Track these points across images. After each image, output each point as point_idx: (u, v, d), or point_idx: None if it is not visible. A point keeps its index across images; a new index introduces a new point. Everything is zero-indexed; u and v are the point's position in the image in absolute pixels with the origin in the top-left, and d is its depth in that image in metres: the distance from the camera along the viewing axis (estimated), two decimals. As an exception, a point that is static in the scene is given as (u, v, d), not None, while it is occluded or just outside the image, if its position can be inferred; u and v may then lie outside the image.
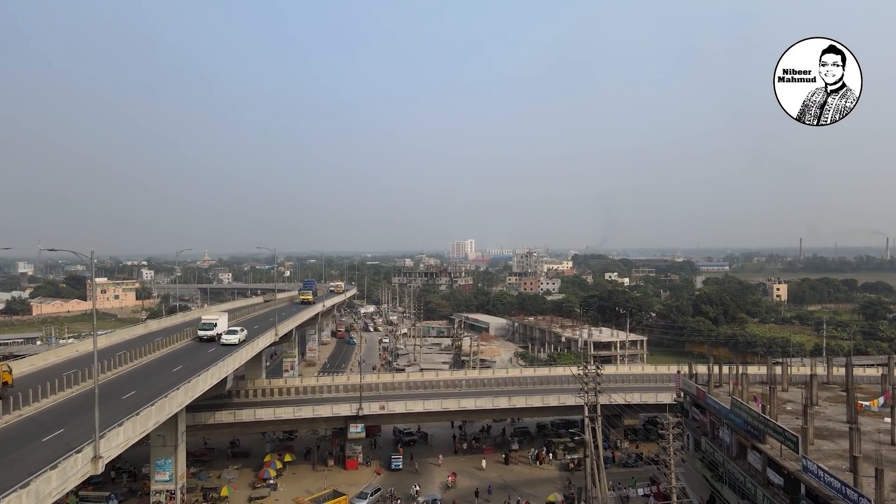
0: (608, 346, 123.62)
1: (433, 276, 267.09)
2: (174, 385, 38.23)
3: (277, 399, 64.09)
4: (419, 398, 63.39)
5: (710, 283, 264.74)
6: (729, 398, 46.90)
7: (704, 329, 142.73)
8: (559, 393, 65.14)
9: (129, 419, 30.25)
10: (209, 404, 56.74)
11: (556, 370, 77.47)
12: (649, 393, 65.13)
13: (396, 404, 60.95)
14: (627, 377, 74.08)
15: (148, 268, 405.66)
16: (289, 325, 74.46)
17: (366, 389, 66.32)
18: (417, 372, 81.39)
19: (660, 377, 74.09)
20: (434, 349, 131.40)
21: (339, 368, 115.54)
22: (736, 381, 53.52)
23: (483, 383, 71.54)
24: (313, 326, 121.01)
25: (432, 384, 70.67)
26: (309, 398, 64.67)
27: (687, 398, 55.63)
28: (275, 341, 63.62)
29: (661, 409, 68.39)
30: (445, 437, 72.25)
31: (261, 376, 74.55)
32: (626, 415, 65.85)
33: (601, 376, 52.65)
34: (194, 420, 55.40)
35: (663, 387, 69.05)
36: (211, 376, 41.19)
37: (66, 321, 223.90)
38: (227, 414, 56.72)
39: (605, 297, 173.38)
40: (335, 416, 59.95)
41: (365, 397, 63.16)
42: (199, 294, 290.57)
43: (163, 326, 67.99)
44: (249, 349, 52.09)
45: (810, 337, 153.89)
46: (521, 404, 63.11)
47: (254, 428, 60.08)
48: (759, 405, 46.90)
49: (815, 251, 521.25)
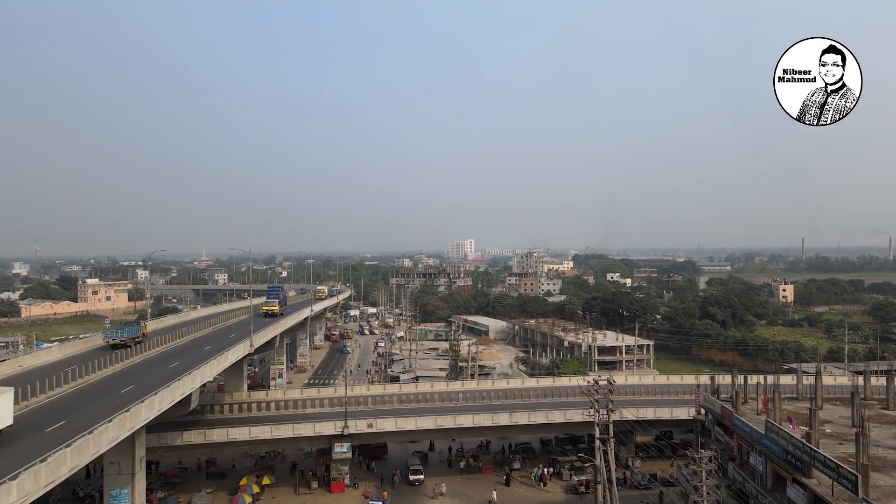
0: (613, 350, 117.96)
1: (432, 277, 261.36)
2: (111, 413, 32.42)
3: (256, 416, 58.26)
4: (411, 414, 57.61)
5: (714, 283, 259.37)
6: (762, 421, 41.16)
7: (712, 332, 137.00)
8: (565, 408, 59.41)
9: (27, 469, 23.82)
10: (180, 421, 51.10)
11: (561, 381, 71.84)
12: (664, 408, 59.42)
13: (386, 421, 55.16)
14: (638, 388, 68.29)
15: (143, 268, 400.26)
16: (268, 333, 68.35)
17: (353, 403, 60.61)
18: (412, 382, 75.67)
19: (673, 388, 68.37)
20: (431, 354, 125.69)
21: (332, 375, 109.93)
22: (764, 398, 47.87)
23: (482, 396, 65.79)
24: (304, 331, 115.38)
25: (427, 396, 64.94)
26: (291, 414, 58.94)
27: (709, 416, 49.93)
28: (250, 353, 57.84)
29: (676, 425, 62.83)
30: (439, 449, 66.38)
31: (241, 388, 68.87)
32: (639, 431, 60.13)
33: (613, 391, 46.95)
34: (159, 441, 49.73)
35: (678, 400, 63.39)
36: (161, 401, 35.35)
37: (54, 323, 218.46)
38: (197, 434, 50.96)
39: (608, 298, 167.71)
40: (318, 436, 54.20)
41: (353, 413, 57.48)
42: (192, 295, 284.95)
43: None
44: (215, 363, 46.35)
45: (821, 340, 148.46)
46: (523, 421, 57.34)
47: (227, 449, 54.38)
48: (794, 427, 41.20)
49: (817, 251, 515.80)
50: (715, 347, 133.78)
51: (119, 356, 48.63)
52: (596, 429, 46.69)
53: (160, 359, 51.00)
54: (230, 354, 50.83)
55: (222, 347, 52.74)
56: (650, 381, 73.02)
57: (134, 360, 48.43)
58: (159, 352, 54.83)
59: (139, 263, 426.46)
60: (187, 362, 47.40)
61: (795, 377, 53.70)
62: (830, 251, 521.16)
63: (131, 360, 48.16)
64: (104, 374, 42.95)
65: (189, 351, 54.64)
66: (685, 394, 67.00)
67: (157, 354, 53.24)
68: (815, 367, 58.16)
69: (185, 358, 50.89)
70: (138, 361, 48.53)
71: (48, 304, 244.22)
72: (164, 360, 49.81)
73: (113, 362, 45.14)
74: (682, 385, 69.90)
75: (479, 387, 69.79)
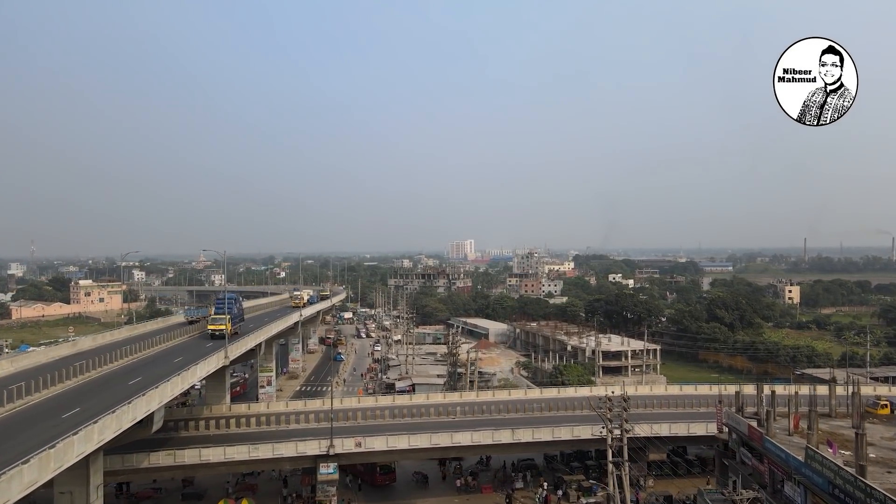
0: (618, 355, 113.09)
1: (431, 278, 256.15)
2: (55, 439, 27.62)
3: (234, 433, 53.22)
4: (404, 431, 52.66)
5: (718, 284, 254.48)
6: (799, 445, 36.38)
7: (720, 336, 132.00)
8: (572, 423, 54.50)
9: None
10: (150, 439, 46.13)
11: (567, 392, 66.98)
12: (680, 423, 54.48)
13: (376, 440, 50.19)
14: (650, 400, 63.34)
15: (140, 269, 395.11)
16: (247, 343, 62.71)
17: (342, 418, 55.79)
18: (406, 394, 70.78)
19: (687, 400, 63.46)
20: (429, 359, 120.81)
21: (325, 382, 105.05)
22: (797, 416, 43.04)
23: (481, 409, 60.84)
24: (296, 335, 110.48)
25: (422, 409, 60.01)
26: (273, 430, 53.96)
27: (733, 436, 45.09)
28: (225, 364, 52.84)
29: (693, 441, 57.95)
30: (432, 466, 61.40)
31: (223, 399, 63.83)
32: (652, 448, 55.26)
33: (628, 410, 42.10)
34: (123, 464, 44.82)
35: (694, 414, 58.54)
36: (101, 430, 30.13)
37: (45, 325, 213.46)
38: (166, 455, 46.00)
39: (611, 300, 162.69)
40: (301, 456, 49.28)
41: (340, 429, 52.63)
42: (186, 296, 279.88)
43: (98, 344, 56.93)
44: (179, 381, 41.21)
45: (830, 343, 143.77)
46: (526, 438, 52.40)
47: (200, 470, 49.48)
48: (834, 452, 36.37)
49: (819, 251, 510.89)
50: (723, 352, 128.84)
51: (82, 368, 43.66)
52: (609, 451, 41.84)
53: (123, 372, 45.69)
54: (199, 369, 45.62)
55: (192, 360, 47.60)
56: (662, 392, 68.21)
57: (91, 374, 43.30)
58: (125, 364, 49.61)
59: (135, 264, 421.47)
60: (152, 377, 42.27)
61: (828, 390, 48.80)
62: (832, 251, 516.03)
63: (88, 374, 43.04)
64: (50, 394, 37.83)
65: (159, 363, 49.48)
66: (700, 406, 62.24)
67: (119, 368, 48.04)
68: (850, 378, 53.25)
69: (152, 371, 45.76)
70: (95, 377, 43.40)
71: (39, 306, 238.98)
72: (127, 374, 44.52)
73: (63, 378, 40.10)
74: (697, 396, 65.13)
75: (479, 398, 64.92)
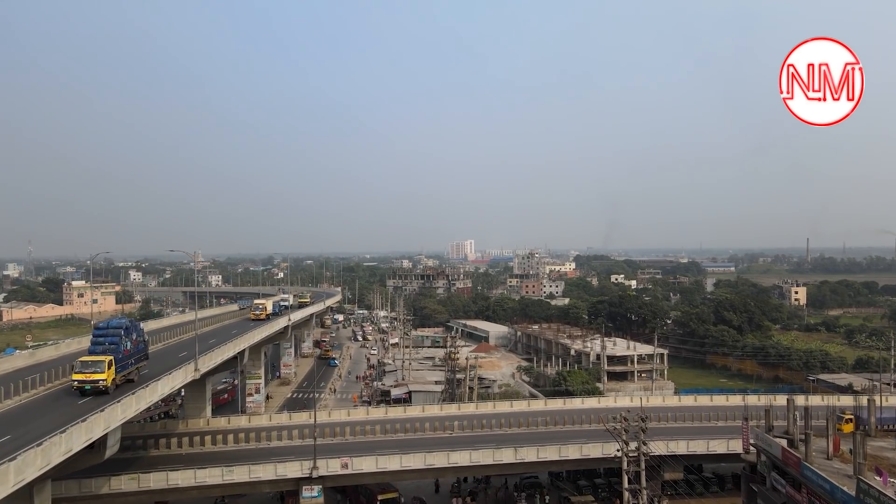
0: (624, 360, 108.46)
1: (430, 279, 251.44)
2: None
3: (209, 451, 48.32)
4: (396, 449, 47.92)
5: (722, 285, 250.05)
6: (844, 474, 31.68)
7: (729, 339, 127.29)
8: (580, 441, 49.75)
9: None
10: (114, 459, 41.29)
11: (573, 402, 62.31)
12: (699, 440, 49.79)
13: (364, 460, 45.43)
14: (663, 412, 58.60)
15: (136, 269, 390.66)
16: (224, 352, 56.65)
17: (328, 434, 51.03)
18: (400, 406, 65.77)
19: (704, 412, 58.75)
20: (427, 364, 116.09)
21: (318, 388, 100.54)
22: (837, 438, 38.25)
23: (481, 423, 56.07)
24: (288, 339, 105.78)
25: (416, 423, 55.22)
26: (253, 448, 49.20)
27: (762, 458, 40.35)
28: (195, 378, 47.71)
29: (712, 459, 53.28)
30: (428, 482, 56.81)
31: (203, 411, 59.10)
32: (667, 466, 50.54)
33: (646, 431, 37.42)
34: (80, 489, 40.03)
35: (713, 428, 53.90)
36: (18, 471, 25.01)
37: (36, 327, 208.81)
38: (130, 479, 41.21)
39: (615, 302, 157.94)
40: (281, 479, 44.56)
41: (327, 448, 47.96)
42: (181, 297, 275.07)
43: (61, 354, 51.94)
44: (134, 400, 35.87)
45: (842, 347, 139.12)
46: (531, 457, 47.68)
47: (170, 496, 44.72)
48: (884, 481, 31.67)
49: (821, 251, 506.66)
50: (732, 356, 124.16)
51: (36, 381, 38.84)
52: (624, 477, 37.19)
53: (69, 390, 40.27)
54: (160, 386, 40.29)
55: (157, 373, 42.36)
56: (675, 403, 63.45)
57: (38, 391, 38.32)
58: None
59: (132, 265, 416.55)
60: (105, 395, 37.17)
61: (867, 403, 43.97)
62: (835, 252, 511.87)
63: (35, 391, 38.08)
64: None
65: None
66: (717, 419, 57.64)
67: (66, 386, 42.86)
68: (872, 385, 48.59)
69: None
70: (42, 394, 38.43)
71: (31, 308, 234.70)
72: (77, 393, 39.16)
73: (28, 388, 35.23)
74: (713, 408, 60.47)
75: (479, 410, 60.24)
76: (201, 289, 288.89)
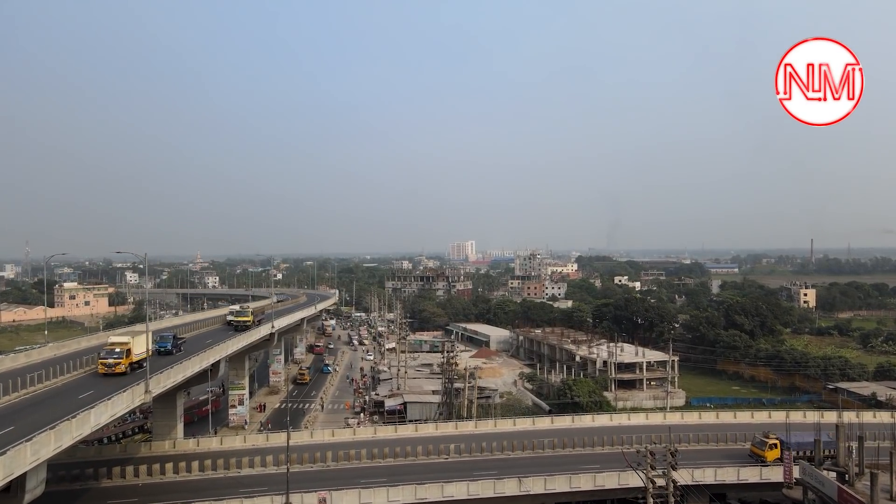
0: (632, 367, 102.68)
1: (430, 281, 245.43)
2: None
3: (169, 481, 42.59)
4: (383, 479, 42.14)
5: (728, 287, 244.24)
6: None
7: (741, 344, 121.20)
8: (593, 469, 43.92)
9: None
10: (54, 493, 35.59)
11: (584, 420, 56.41)
12: (728, 467, 43.90)
13: (346, 494, 39.56)
14: (684, 431, 52.72)
15: (132, 271, 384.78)
16: (186, 368, 49.81)
17: (308, 460, 45.19)
18: (392, 426, 59.56)
19: (727, 430, 52.90)
20: (424, 371, 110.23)
21: (309, 397, 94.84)
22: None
23: (480, 445, 50.21)
24: (278, 345, 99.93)
25: (408, 444, 49.42)
26: (221, 478, 43.44)
27: (810, 495, 34.51)
28: (145, 401, 41.32)
29: (742, 489, 47.32)
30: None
31: (174, 429, 53.21)
32: (692, 496, 44.67)
33: (676, 468, 31.56)
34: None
35: (742, 451, 48.00)
36: None
37: (25, 330, 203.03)
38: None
39: (620, 305, 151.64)
40: (250, 516, 38.79)
41: (304, 477, 42.13)
42: (176, 299, 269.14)
43: (7, 368, 45.56)
44: (52, 436, 28.58)
45: (857, 352, 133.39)
46: (537, 489, 41.82)
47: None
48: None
49: (825, 252, 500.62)
50: (744, 361, 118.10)
51: None
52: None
53: (13, 411, 34.48)
54: (94, 415, 32.59)
55: (100, 396, 35.75)
56: (696, 421, 57.47)
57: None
58: (8, 403, 36.87)
59: (129, 265, 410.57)
60: (25, 426, 30.73)
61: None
62: (839, 252, 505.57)
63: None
64: None
65: (58, 399, 37.42)
66: (744, 440, 51.78)
67: (29, 398, 37.21)
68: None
69: (37, 414, 34.03)
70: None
71: (21, 310, 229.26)
72: (11, 415, 33.10)
73: None
74: (738, 425, 54.80)
75: (478, 430, 54.49)
76: (195, 291, 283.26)
